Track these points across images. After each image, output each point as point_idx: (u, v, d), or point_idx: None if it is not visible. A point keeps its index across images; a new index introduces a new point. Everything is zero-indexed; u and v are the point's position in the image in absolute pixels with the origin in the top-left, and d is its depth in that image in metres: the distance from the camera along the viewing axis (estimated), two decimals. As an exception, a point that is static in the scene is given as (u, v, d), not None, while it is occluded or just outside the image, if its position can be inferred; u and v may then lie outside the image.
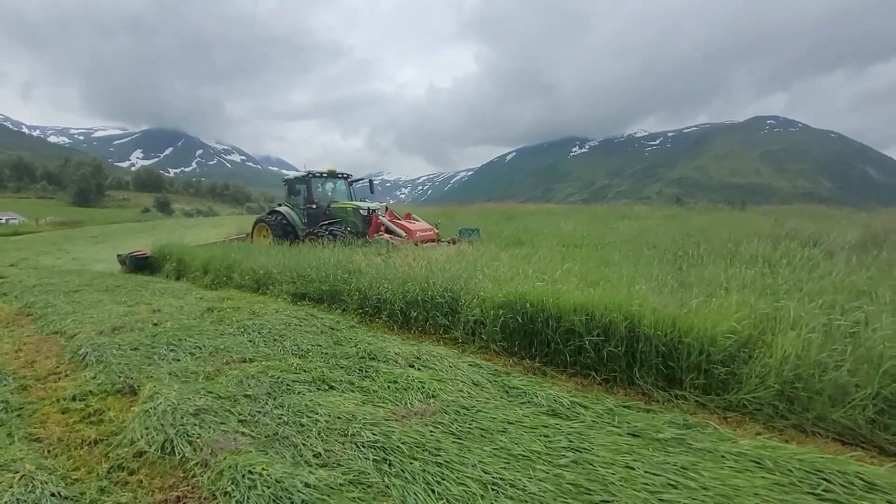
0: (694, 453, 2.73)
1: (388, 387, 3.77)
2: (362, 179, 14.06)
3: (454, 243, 9.87)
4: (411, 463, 2.65)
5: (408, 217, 11.77)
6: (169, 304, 6.99)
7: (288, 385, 3.84)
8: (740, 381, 3.39)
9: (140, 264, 12.35)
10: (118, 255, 13.28)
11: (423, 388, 3.71)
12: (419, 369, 4.15)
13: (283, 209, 12.98)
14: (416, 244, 9.42)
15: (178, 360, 4.51)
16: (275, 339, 5.10)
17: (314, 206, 12.50)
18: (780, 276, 5.30)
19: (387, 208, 12.20)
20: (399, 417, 3.24)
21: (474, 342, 4.90)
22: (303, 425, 3.14)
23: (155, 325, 5.75)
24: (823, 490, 2.33)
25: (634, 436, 2.98)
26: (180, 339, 5.04)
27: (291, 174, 13.62)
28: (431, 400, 3.52)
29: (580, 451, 2.77)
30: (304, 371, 4.14)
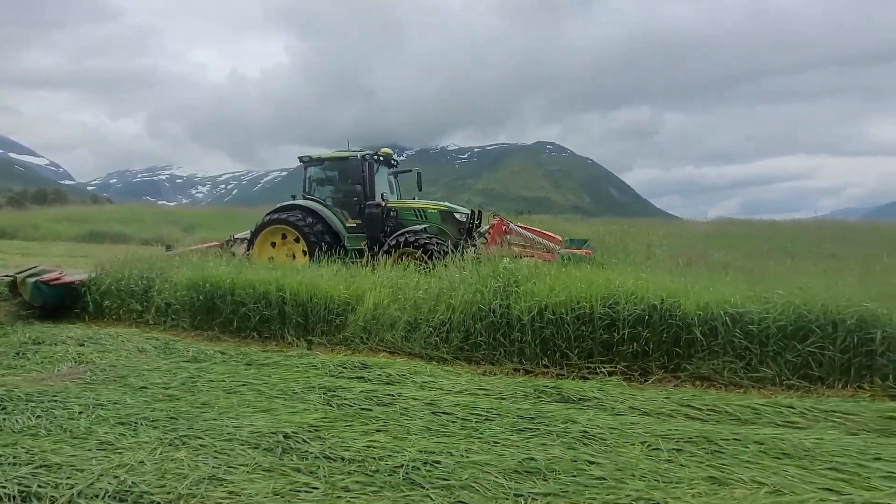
0: (278, 367, 4.06)
1: (41, 361, 4.13)
2: (408, 171, 9.72)
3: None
4: (26, 405, 3.22)
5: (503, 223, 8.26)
6: None
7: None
8: (346, 324, 4.97)
9: (56, 297, 5.84)
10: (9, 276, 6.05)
11: (80, 357, 4.21)
12: (87, 346, 4.57)
13: (311, 205, 8.14)
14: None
15: None
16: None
17: (379, 205, 8.02)
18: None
19: (478, 212, 8.66)
20: (38, 380, 3.70)
21: (166, 322, 5.51)
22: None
23: None
24: (339, 372, 3.90)
25: (249, 364, 4.18)
26: None
27: (324, 153, 8.62)
28: (83, 365, 4.06)
29: (194, 378, 3.78)
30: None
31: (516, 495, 2.24)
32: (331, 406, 3.25)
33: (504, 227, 7.86)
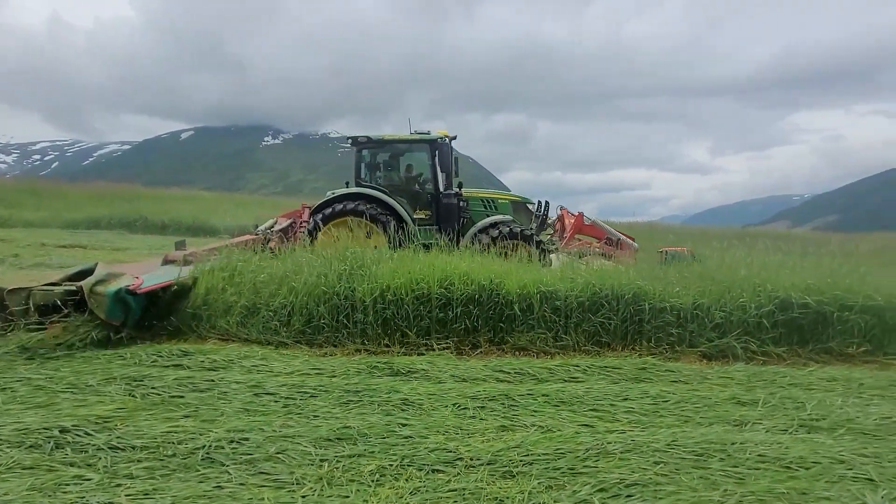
0: (72, 360, 3.53)
1: None
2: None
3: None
4: None
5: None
6: None
7: None
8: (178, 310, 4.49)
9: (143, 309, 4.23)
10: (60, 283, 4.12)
11: None
12: None
13: (378, 194, 7.10)
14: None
15: None
16: None
17: (459, 194, 7.41)
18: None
19: (546, 203, 8.27)
20: None
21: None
22: None
23: None
24: (152, 361, 3.53)
25: (31, 359, 3.53)
26: None
27: (387, 135, 7.64)
28: None
29: None
30: None
31: (322, 460, 2.30)
32: (133, 396, 2.93)
33: (584, 223, 7.98)
